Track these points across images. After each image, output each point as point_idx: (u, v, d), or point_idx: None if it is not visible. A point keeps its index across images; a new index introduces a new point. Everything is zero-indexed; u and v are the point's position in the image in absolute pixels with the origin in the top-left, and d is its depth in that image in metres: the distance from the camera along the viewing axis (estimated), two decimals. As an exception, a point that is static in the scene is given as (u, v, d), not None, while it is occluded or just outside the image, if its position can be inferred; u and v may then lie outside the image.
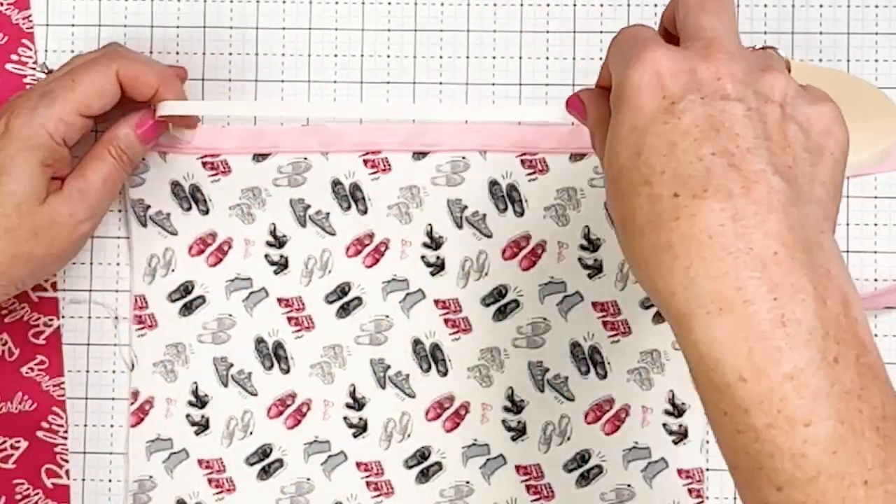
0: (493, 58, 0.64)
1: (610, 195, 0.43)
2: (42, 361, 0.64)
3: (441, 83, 0.64)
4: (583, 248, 0.63)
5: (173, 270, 0.64)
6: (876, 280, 0.62)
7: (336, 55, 0.64)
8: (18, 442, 0.63)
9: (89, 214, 0.58)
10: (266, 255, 0.63)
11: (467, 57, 0.64)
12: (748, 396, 0.38)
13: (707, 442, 0.62)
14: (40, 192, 0.56)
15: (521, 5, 0.64)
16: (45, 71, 0.63)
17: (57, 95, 0.57)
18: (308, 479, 0.63)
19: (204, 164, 0.64)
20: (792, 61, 0.48)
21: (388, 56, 0.64)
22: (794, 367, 0.37)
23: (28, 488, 0.63)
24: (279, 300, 0.63)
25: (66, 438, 0.64)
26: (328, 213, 0.63)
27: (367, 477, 0.63)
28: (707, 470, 0.62)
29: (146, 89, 0.59)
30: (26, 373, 0.64)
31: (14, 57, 0.65)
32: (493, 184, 0.63)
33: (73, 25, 0.65)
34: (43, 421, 0.63)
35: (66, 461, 0.63)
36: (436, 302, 0.63)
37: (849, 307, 0.39)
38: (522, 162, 0.63)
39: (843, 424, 0.37)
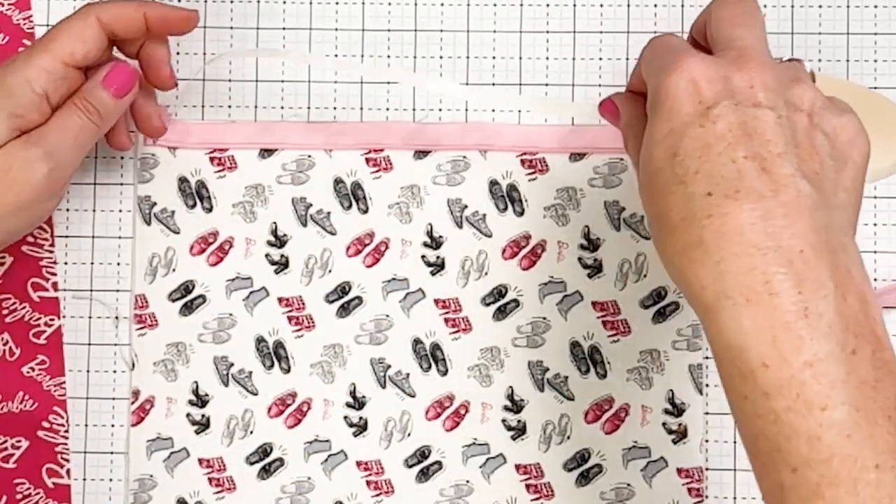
0: (493, 58, 0.64)
1: (645, 193, 0.46)
2: (43, 361, 0.64)
3: (441, 83, 0.64)
4: (583, 247, 0.63)
5: (174, 270, 0.64)
6: (876, 280, 0.62)
7: (336, 55, 0.64)
8: (19, 441, 0.63)
9: (43, 155, 0.56)
10: (267, 255, 0.64)
11: (467, 57, 0.64)
12: (770, 381, 0.40)
13: (706, 441, 0.62)
14: None
15: (521, 5, 0.64)
16: None
17: (37, 45, 0.56)
18: (308, 479, 0.63)
19: (211, 159, 0.64)
20: (816, 73, 0.51)
21: (388, 56, 0.64)
22: (814, 356, 0.40)
23: (29, 488, 0.63)
24: (279, 300, 0.63)
25: (66, 438, 0.64)
26: (329, 213, 0.63)
27: (367, 476, 0.63)
28: (707, 469, 0.62)
29: (133, 30, 0.57)
30: (27, 372, 0.64)
31: (15, 57, 0.65)
32: (494, 183, 0.63)
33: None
34: (44, 420, 0.64)
35: (67, 461, 0.64)
36: (436, 301, 0.63)
37: (867, 306, 0.42)
38: (522, 162, 0.63)
39: (858, 411, 0.40)
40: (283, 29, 0.65)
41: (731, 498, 0.62)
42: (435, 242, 0.63)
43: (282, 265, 0.63)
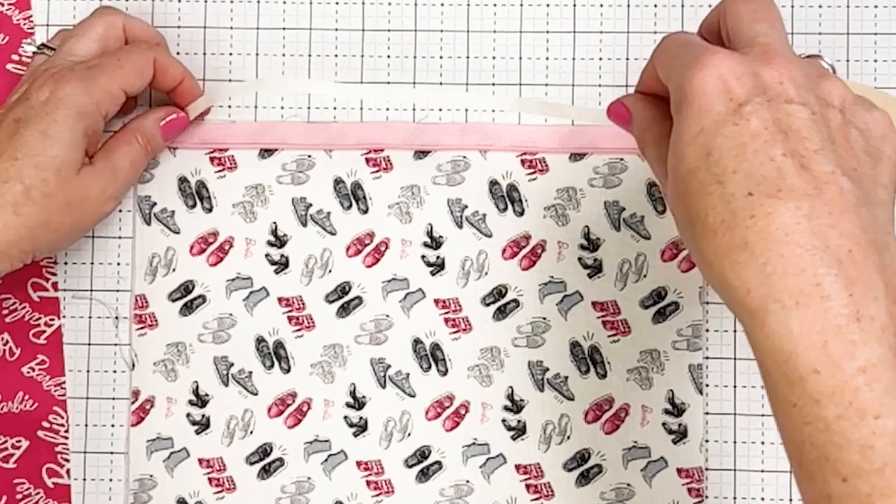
0: (493, 58, 0.64)
1: (676, 195, 0.44)
2: (43, 361, 0.64)
3: (441, 83, 0.64)
4: (583, 247, 0.63)
5: (174, 270, 0.64)
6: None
7: (336, 55, 0.65)
8: (19, 441, 0.63)
9: (117, 193, 0.60)
10: (267, 255, 0.64)
11: (467, 57, 0.64)
12: (820, 388, 0.39)
13: (706, 441, 0.62)
14: (78, 162, 0.57)
15: (521, 5, 0.64)
16: (45, 50, 0.62)
17: (105, 69, 0.58)
18: (308, 479, 0.63)
19: (212, 159, 0.64)
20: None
21: (388, 56, 0.64)
22: (867, 362, 0.39)
23: (29, 488, 0.63)
24: (279, 299, 0.63)
25: (66, 438, 0.64)
26: (329, 213, 0.63)
27: (367, 476, 0.63)
28: (707, 469, 0.62)
29: (172, 80, 0.61)
30: (27, 372, 0.64)
31: (15, 57, 0.65)
32: (494, 183, 0.63)
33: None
34: (44, 420, 0.64)
35: (67, 461, 0.64)
36: (436, 301, 0.63)
37: None
38: (522, 162, 0.63)
39: None
40: (283, 29, 0.65)
41: (731, 498, 0.62)
42: (435, 242, 0.63)
43: (282, 265, 0.64)
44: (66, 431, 0.64)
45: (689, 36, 0.48)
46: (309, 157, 0.64)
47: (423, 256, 0.63)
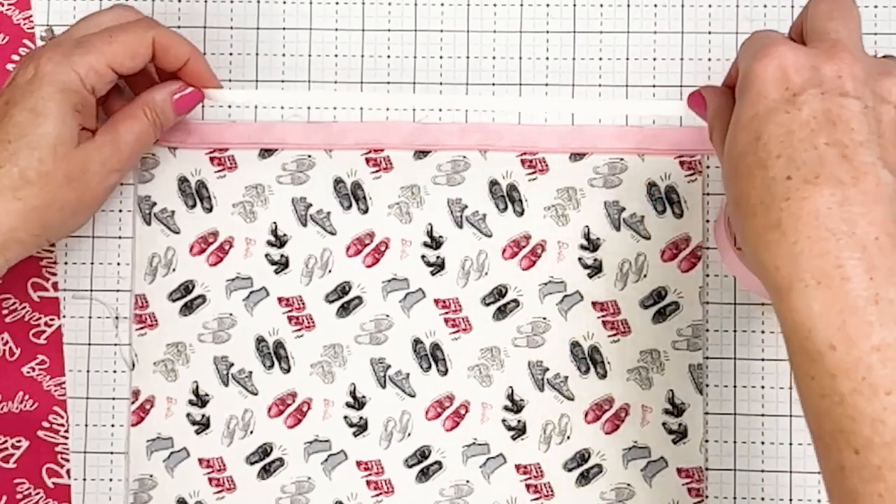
0: (493, 58, 0.64)
1: (727, 176, 0.47)
2: (43, 361, 0.64)
3: (441, 83, 0.64)
4: (583, 247, 0.63)
5: (174, 270, 0.64)
6: (875, 280, 0.62)
7: (336, 55, 0.65)
8: (19, 441, 0.63)
9: (119, 166, 0.59)
10: (267, 255, 0.64)
11: (467, 57, 0.64)
12: (836, 363, 0.41)
13: (706, 441, 0.62)
14: (73, 137, 0.56)
15: (521, 5, 0.64)
16: (51, 37, 0.62)
17: (93, 45, 0.57)
18: (308, 478, 0.63)
19: (212, 159, 0.64)
20: None
21: (388, 56, 0.64)
22: (882, 341, 0.41)
23: (29, 488, 0.63)
24: (279, 299, 0.63)
25: (66, 438, 0.64)
26: (329, 213, 0.63)
27: (367, 476, 0.63)
28: (707, 469, 0.62)
29: (175, 60, 0.59)
30: (27, 372, 0.64)
31: (15, 57, 0.65)
32: (494, 183, 0.63)
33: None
34: (44, 420, 0.64)
35: (67, 460, 0.64)
36: (436, 301, 0.63)
37: None
38: (522, 162, 0.63)
39: None
40: (283, 29, 0.65)
41: (731, 498, 0.62)
42: (435, 242, 0.63)
43: (282, 265, 0.64)
44: (66, 431, 0.64)
45: (770, 32, 0.50)
46: (309, 157, 0.64)
47: (423, 256, 0.63)
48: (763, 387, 0.62)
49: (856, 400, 0.41)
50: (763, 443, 0.62)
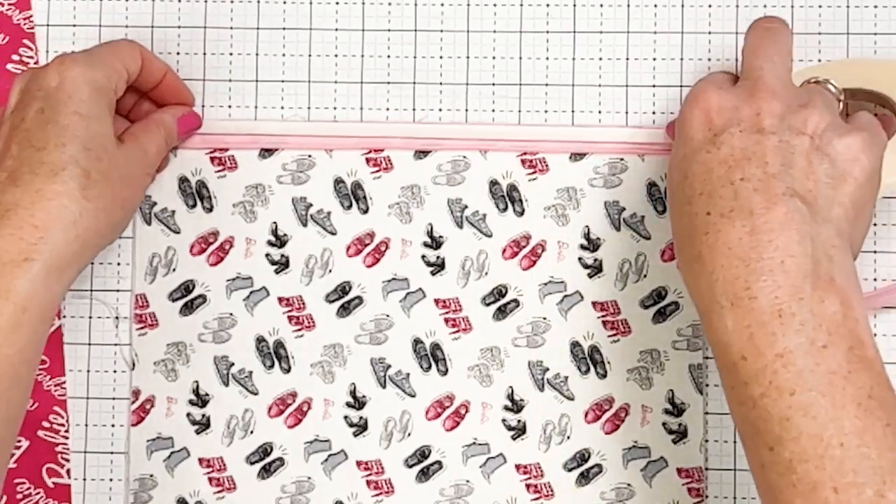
0: (493, 58, 0.64)
1: (668, 211, 0.54)
2: (43, 361, 0.64)
3: (441, 83, 0.64)
4: (583, 247, 0.63)
5: (174, 270, 0.64)
6: (875, 280, 0.62)
7: (336, 55, 0.65)
8: (20, 441, 0.63)
9: (150, 170, 0.60)
10: (267, 255, 0.64)
11: (467, 57, 0.64)
12: (747, 371, 0.46)
13: (706, 441, 0.62)
14: (114, 137, 0.57)
15: (521, 5, 0.64)
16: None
17: (102, 50, 0.59)
18: (308, 478, 0.63)
19: (212, 159, 0.64)
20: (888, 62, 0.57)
21: (388, 56, 0.64)
22: (785, 349, 0.46)
23: (29, 488, 0.63)
24: (280, 299, 0.63)
25: (67, 438, 0.64)
26: (329, 213, 0.63)
27: (367, 476, 0.63)
28: (707, 469, 0.62)
29: (157, 72, 0.61)
30: (27, 372, 0.64)
31: (15, 57, 0.65)
32: (494, 183, 0.63)
33: (73, 26, 0.65)
34: (44, 420, 0.64)
35: (68, 460, 0.64)
36: (436, 301, 0.63)
37: (850, 309, 0.47)
38: (522, 161, 0.63)
39: (824, 397, 0.45)
40: (283, 29, 0.65)
41: (731, 498, 0.62)
42: (435, 242, 0.63)
43: (282, 265, 0.64)
44: (67, 431, 0.64)
45: (710, 77, 0.55)
46: (309, 156, 0.64)
47: (423, 256, 0.63)
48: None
49: (765, 402, 0.45)
50: (763, 443, 0.62)
